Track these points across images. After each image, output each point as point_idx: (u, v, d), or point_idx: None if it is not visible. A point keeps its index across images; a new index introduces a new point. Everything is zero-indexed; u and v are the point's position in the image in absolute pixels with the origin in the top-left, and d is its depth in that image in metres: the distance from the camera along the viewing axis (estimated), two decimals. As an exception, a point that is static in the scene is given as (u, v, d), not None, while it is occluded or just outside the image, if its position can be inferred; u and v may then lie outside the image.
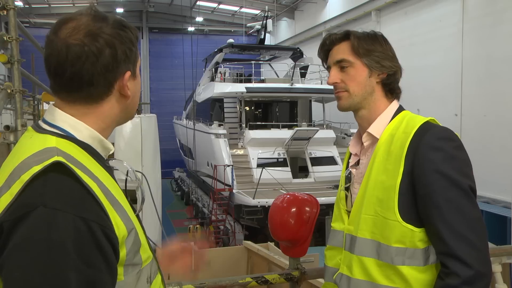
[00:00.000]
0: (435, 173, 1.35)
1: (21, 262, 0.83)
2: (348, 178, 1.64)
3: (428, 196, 1.35)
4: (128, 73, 1.07)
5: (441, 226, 1.33)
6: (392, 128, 1.49)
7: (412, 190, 1.39)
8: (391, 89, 1.56)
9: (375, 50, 1.52)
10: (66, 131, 1.02)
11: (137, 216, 1.15)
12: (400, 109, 1.56)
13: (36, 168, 0.89)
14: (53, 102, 1.09)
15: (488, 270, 1.33)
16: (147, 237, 1.17)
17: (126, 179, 1.17)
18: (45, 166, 0.89)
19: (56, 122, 1.03)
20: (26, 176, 0.89)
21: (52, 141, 0.98)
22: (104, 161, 1.09)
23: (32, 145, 0.98)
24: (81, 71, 0.99)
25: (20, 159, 0.94)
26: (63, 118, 1.03)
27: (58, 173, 0.90)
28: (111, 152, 1.13)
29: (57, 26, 1.02)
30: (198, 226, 15.27)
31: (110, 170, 1.10)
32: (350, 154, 1.67)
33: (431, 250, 1.40)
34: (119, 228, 0.95)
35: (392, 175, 1.41)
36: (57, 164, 0.91)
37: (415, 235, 1.39)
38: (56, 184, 0.89)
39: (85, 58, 0.98)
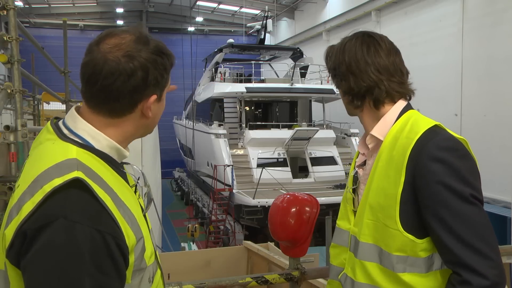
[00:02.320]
0: (437, 184, 1.30)
1: (42, 266, 0.92)
2: (356, 178, 1.62)
3: (431, 207, 1.31)
4: (154, 97, 1.14)
5: (447, 237, 1.29)
6: (396, 130, 1.43)
7: (414, 200, 1.35)
8: (376, 100, 1.47)
9: (339, 66, 1.48)
10: (86, 140, 1.10)
11: (144, 216, 1.21)
12: (406, 108, 1.48)
13: (58, 181, 0.97)
14: (77, 105, 1.17)
15: (502, 280, 1.27)
16: (151, 237, 1.21)
17: (136, 183, 1.24)
18: (66, 181, 0.98)
19: (77, 130, 1.11)
20: (48, 188, 0.97)
21: (73, 152, 1.06)
22: (119, 167, 1.17)
23: (54, 152, 1.06)
24: (110, 86, 1.06)
25: (44, 166, 1.02)
26: (84, 127, 1.11)
27: (78, 188, 0.98)
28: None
29: (101, 37, 1.10)
30: (197, 225, 15.27)
31: (123, 175, 1.18)
32: (359, 153, 1.63)
33: (435, 257, 1.36)
34: (129, 237, 1.04)
35: (393, 183, 1.37)
36: (77, 180, 0.98)
37: (417, 246, 1.35)
38: (76, 199, 0.97)
39: (118, 76, 1.06)
